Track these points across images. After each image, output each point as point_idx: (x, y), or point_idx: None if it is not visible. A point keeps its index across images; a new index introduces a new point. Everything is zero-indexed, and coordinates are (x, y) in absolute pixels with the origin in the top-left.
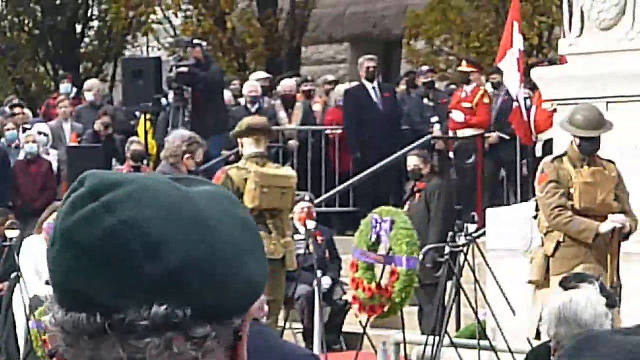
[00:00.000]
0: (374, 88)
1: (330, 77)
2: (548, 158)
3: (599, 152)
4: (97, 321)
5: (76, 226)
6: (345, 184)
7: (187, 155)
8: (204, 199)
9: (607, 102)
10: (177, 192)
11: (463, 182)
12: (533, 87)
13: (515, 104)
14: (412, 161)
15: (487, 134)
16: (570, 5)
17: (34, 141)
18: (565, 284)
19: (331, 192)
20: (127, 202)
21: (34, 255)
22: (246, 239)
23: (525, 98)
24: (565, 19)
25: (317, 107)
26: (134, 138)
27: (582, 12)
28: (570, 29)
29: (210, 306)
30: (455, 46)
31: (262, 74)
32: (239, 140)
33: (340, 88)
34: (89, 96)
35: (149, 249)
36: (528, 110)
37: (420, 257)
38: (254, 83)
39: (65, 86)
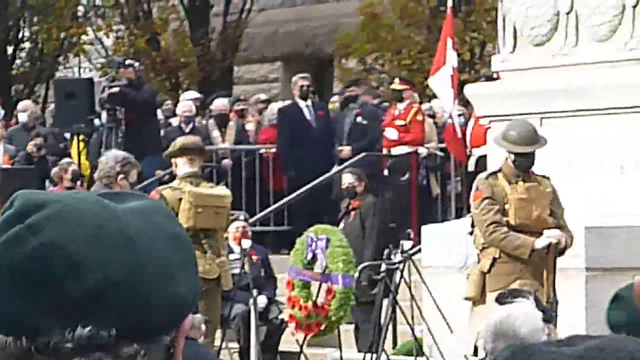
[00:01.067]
0: (307, 106)
1: (262, 96)
2: (483, 175)
3: (533, 168)
4: (23, 344)
5: (2, 249)
6: (280, 203)
7: (121, 176)
8: (133, 216)
9: (541, 118)
10: (103, 210)
11: (398, 199)
12: (467, 104)
13: (449, 121)
14: (347, 179)
15: (419, 150)
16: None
17: None
18: (501, 300)
19: (266, 211)
20: (50, 223)
21: None
22: (176, 254)
23: (458, 115)
24: (500, 35)
25: (250, 126)
26: (68, 159)
27: (514, 29)
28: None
29: (135, 325)
30: (387, 64)
31: (194, 94)
32: (172, 160)
33: (274, 107)
34: (22, 117)
35: (69, 270)
36: (464, 126)
37: (356, 275)
38: (187, 103)
39: None
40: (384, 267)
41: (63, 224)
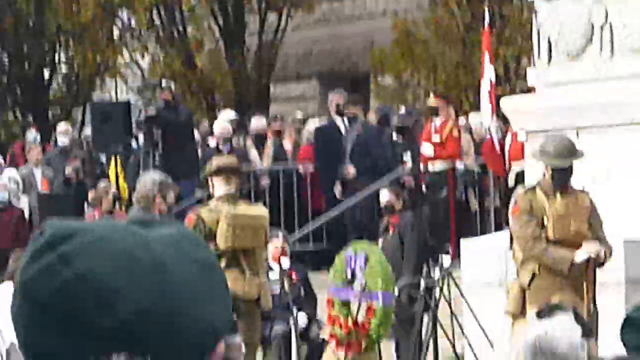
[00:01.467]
0: (344, 124)
1: (299, 115)
2: (521, 189)
3: (571, 182)
4: None
5: (35, 279)
6: (318, 221)
7: (158, 199)
8: (163, 244)
9: (578, 131)
10: (133, 238)
11: (436, 215)
12: (506, 119)
13: (487, 136)
14: (385, 196)
15: (456, 165)
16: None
17: (5, 189)
18: (540, 315)
19: (305, 230)
20: (82, 254)
21: (8, 304)
22: (205, 281)
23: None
24: (535, 49)
25: (287, 145)
26: (106, 183)
27: (549, 42)
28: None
29: (169, 351)
30: (422, 80)
31: (231, 114)
32: (209, 180)
33: (311, 125)
34: (63, 139)
35: (101, 302)
36: (502, 140)
37: (396, 292)
38: (224, 124)
39: (31, 134)
40: (423, 283)
41: (95, 253)
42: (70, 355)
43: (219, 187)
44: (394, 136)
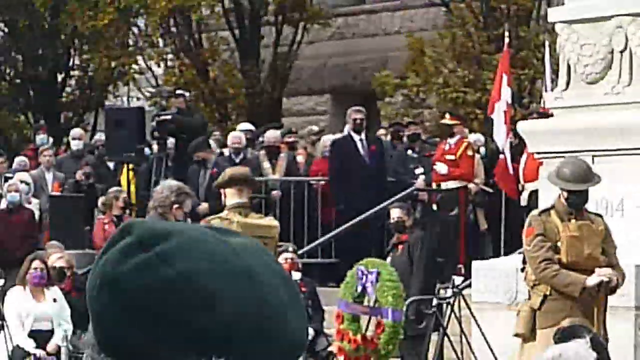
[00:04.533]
0: (361, 140)
1: (315, 128)
2: (535, 211)
3: (586, 206)
4: None
5: (129, 276)
6: (328, 235)
7: (175, 206)
8: (247, 252)
9: (593, 156)
10: (223, 244)
11: (446, 234)
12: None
13: (501, 156)
14: (395, 213)
15: (469, 185)
16: (551, 59)
17: (16, 190)
18: (556, 337)
19: (314, 244)
20: (180, 254)
21: (17, 307)
22: (286, 292)
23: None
24: (547, 72)
25: (300, 158)
26: (118, 188)
27: (568, 66)
28: (552, 82)
29: (260, 358)
30: (432, 97)
31: (247, 126)
32: (221, 190)
33: (327, 139)
34: (76, 144)
35: (205, 302)
36: (517, 159)
37: (404, 308)
38: (238, 134)
39: (40, 137)
40: (435, 301)
41: (193, 255)
42: (167, 354)
43: (231, 197)
44: (408, 151)
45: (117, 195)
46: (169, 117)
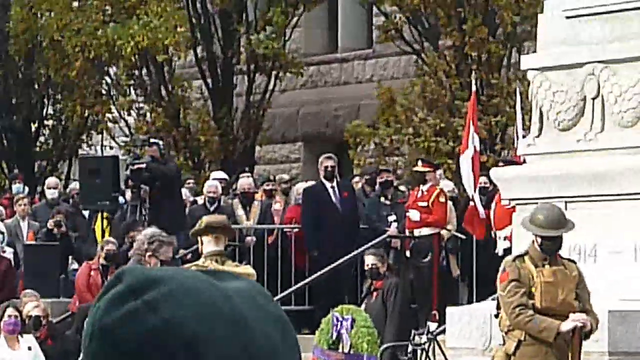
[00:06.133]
0: (333, 187)
1: (285, 177)
2: (510, 257)
3: (560, 252)
4: None
5: (118, 324)
6: (302, 282)
7: (148, 254)
8: (241, 297)
9: (566, 202)
10: (215, 289)
11: (420, 280)
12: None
13: (471, 203)
14: (370, 260)
15: (442, 232)
16: (523, 106)
17: None
18: None
19: (287, 291)
20: (168, 301)
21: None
22: (282, 337)
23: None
24: (519, 119)
25: (277, 205)
26: (109, 238)
27: (541, 113)
28: (523, 128)
29: None
30: (404, 146)
31: (220, 174)
32: (198, 238)
33: (300, 186)
34: (51, 193)
35: (189, 348)
36: (489, 205)
37: (379, 355)
38: (214, 183)
39: (17, 186)
40: (410, 347)
41: (181, 301)
42: None
43: (208, 245)
44: (381, 199)
45: (104, 246)
46: (142, 165)
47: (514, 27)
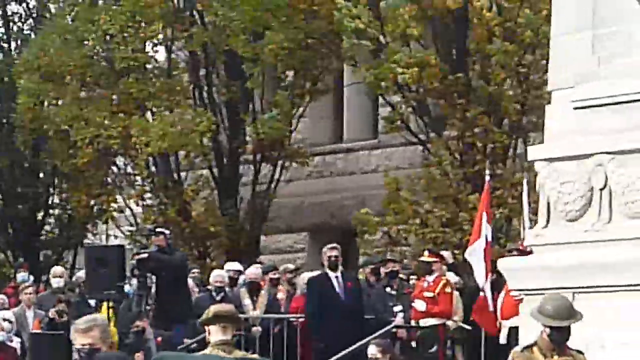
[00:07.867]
0: (337, 277)
1: (291, 266)
2: (518, 347)
3: (568, 342)
4: None
5: None
6: None
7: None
8: None
9: (574, 293)
10: None
11: None
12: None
13: (481, 293)
14: (371, 350)
15: (447, 322)
16: (529, 197)
17: (1, 329)
18: None
19: None
20: None
21: None
22: None
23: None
24: (525, 209)
25: (280, 295)
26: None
27: (548, 203)
28: (530, 220)
29: None
30: (411, 237)
31: (235, 266)
32: (205, 327)
33: (306, 276)
34: (57, 282)
35: None
36: (495, 296)
37: None
38: (221, 273)
39: (22, 275)
40: None
41: None
42: None
43: (215, 334)
44: (387, 289)
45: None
46: (146, 255)
47: (519, 119)
